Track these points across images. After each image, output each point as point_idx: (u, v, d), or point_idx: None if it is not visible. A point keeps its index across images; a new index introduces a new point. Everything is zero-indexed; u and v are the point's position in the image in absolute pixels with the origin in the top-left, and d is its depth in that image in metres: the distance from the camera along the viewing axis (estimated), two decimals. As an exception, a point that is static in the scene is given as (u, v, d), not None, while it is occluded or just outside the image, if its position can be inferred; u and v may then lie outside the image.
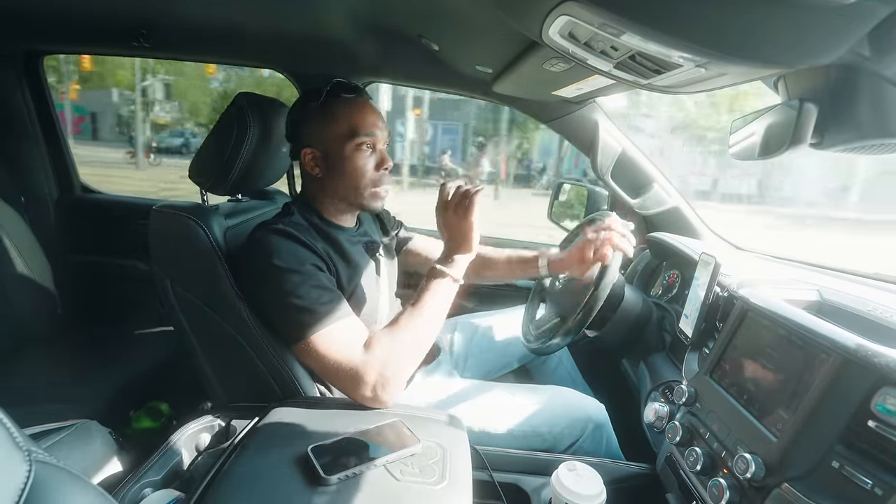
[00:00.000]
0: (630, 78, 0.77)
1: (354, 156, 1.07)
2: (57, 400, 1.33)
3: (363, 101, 1.09)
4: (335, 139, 1.07)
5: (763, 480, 0.67)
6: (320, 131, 1.07)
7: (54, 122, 2.04)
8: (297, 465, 0.77)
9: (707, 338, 1.02)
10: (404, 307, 1.01)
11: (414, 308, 0.99)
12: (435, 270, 1.01)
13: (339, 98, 1.07)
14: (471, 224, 0.99)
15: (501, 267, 1.40)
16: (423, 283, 1.01)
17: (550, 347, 1.17)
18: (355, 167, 1.08)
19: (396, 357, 0.94)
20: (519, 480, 1.00)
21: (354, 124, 1.06)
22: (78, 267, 2.04)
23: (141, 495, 0.80)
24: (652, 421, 0.98)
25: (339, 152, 1.07)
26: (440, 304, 1.00)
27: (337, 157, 1.07)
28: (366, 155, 1.08)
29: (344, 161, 1.07)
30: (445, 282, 1.00)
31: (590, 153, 1.60)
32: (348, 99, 1.08)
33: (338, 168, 1.08)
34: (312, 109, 1.07)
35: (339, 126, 1.06)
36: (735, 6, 0.46)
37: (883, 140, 0.58)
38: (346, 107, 1.07)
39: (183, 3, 1.38)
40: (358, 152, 1.07)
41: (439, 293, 1.00)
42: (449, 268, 1.00)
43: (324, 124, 1.07)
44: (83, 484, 0.43)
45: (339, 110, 1.07)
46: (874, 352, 0.62)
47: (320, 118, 1.07)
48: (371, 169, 1.09)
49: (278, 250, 0.97)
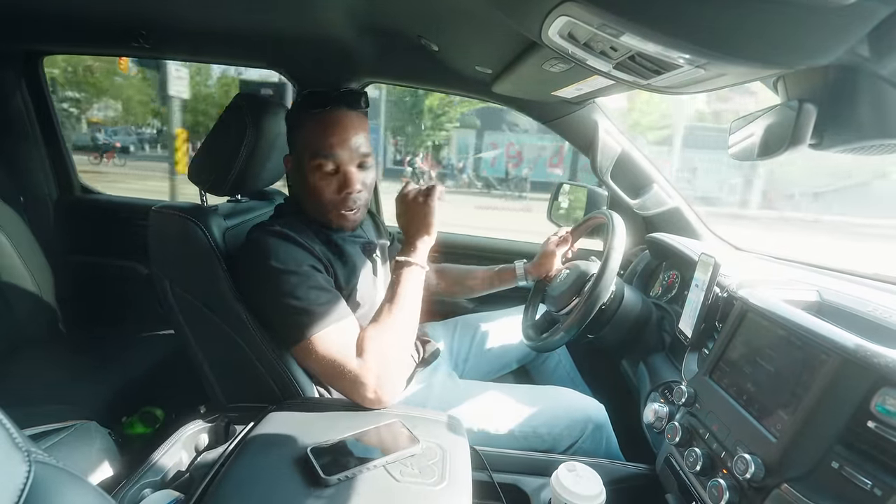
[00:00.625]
0: (629, 78, 0.77)
1: (314, 175, 1.04)
2: (56, 401, 1.33)
3: (332, 118, 1.03)
4: (301, 152, 1.06)
5: (762, 481, 0.67)
6: (297, 140, 1.07)
7: (54, 122, 2.03)
8: (296, 466, 0.77)
9: (706, 338, 1.02)
10: (381, 305, 1.02)
11: (392, 303, 0.99)
12: (400, 262, 1.02)
13: (306, 112, 1.04)
14: (431, 208, 1.02)
15: (480, 276, 1.49)
16: (392, 277, 1.03)
17: (551, 344, 1.17)
18: (314, 186, 1.05)
19: (388, 354, 0.95)
20: (518, 481, 0.99)
21: (314, 143, 1.02)
22: (77, 268, 2.03)
23: (140, 496, 0.80)
24: (651, 421, 0.98)
25: (305, 166, 1.05)
26: (414, 293, 1.01)
27: (304, 170, 1.05)
28: (326, 175, 1.04)
29: (308, 176, 1.05)
30: (413, 270, 1.02)
31: (589, 153, 1.60)
32: (314, 114, 1.03)
33: (304, 182, 1.06)
34: (291, 116, 1.07)
35: (304, 140, 1.05)
36: (734, 7, 0.46)
37: (882, 141, 0.59)
38: (312, 121, 1.03)
39: (182, 4, 1.38)
40: (317, 172, 1.04)
41: (410, 282, 1.01)
42: (413, 256, 1.02)
43: (297, 134, 1.07)
44: (82, 484, 0.43)
45: (306, 124, 1.04)
46: (873, 352, 0.62)
47: (296, 127, 1.07)
48: (332, 191, 1.05)
49: (275, 251, 0.97)
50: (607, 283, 1.08)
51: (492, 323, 1.59)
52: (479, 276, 1.49)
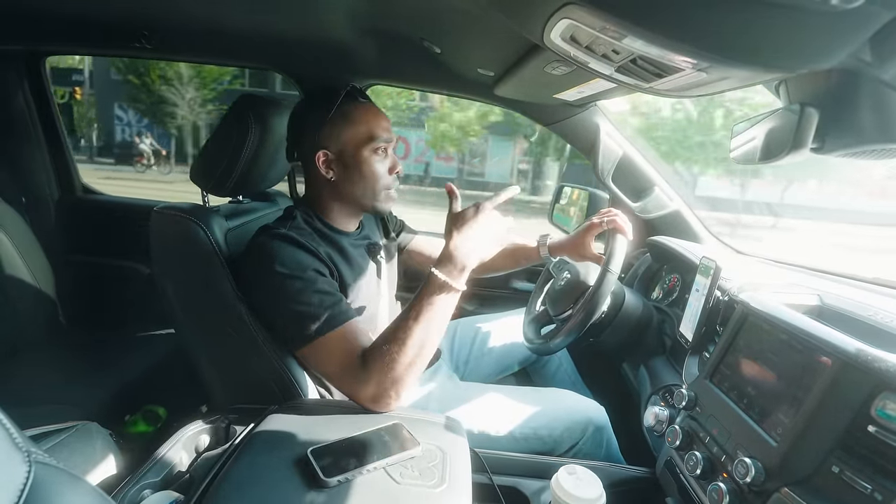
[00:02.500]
0: (631, 81, 0.77)
1: (371, 159, 1.08)
2: (56, 401, 1.33)
3: (377, 107, 1.12)
4: (353, 143, 1.07)
5: (763, 485, 0.67)
6: (337, 134, 1.07)
7: (56, 122, 2.04)
8: (296, 468, 0.77)
9: (707, 342, 1.02)
10: (404, 312, 0.96)
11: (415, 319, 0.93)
12: (436, 278, 0.93)
13: (358, 102, 1.09)
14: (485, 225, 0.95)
15: (502, 257, 1.43)
16: (422, 289, 0.95)
17: (550, 348, 1.17)
18: (372, 171, 1.09)
19: (396, 365, 0.91)
20: (518, 483, 0.99)
21: (373, 129, 1.08)
22: (78, 268, 2.04)
23: (140, 497, 0.80)
24: (652, 424, 0.98)
25: (356, 155, 1.07)
26: (441, 313, 0.94)
27: (353, 160, 1.08)
28: (381, 159, 1.10)
29: (361, 164, 1.08)
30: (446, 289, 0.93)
31: (591, 156, 1.60)
32: (365, 104, 1.10)
33: (354, 171, 1.08)
34: (327, 112, 1.06)
35: (358, 130, 1.07)
36: (736, 11, 0.46)
37: (884, 145, 0.58)
38: (365, 112, 1.09)
39: (185, 5, 1.39)
40: (374, 156, 1.09)
41: (440, 301, 0.93)
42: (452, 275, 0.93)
43: (341, 128, 1.07)
44: (82, 485, 0.43)
45: (357, 115, 1.08)
46: (874, 357, 0.62)
47: (338, 121, 1.07)
48: (385, 173, 1.11)
49: (281, 256, 0.97)
50: (604, 293, 1.07)
51: (493, 325, 1.59)
52: (501, 259, 1.45)
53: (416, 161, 17.04)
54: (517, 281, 1.91)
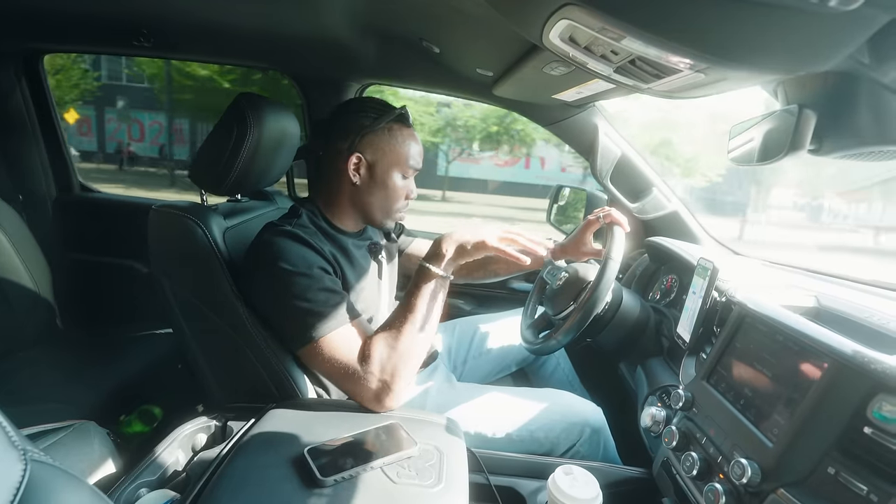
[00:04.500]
0: (630, 82, 0.77)
1: (397, 180, 1.11)
2: (53, 400, 1.33)
3: (418, 137, 1.15)
4: (389, 159, 1.09)
5: (759, 486, 0.67)
6: (378, 146, 1.08)
7: (53, 121, 2.03)
8: (293, 467, 0.77)
9: (704, 343, 1.03)
10: (397, 309, 1.00)
11: (405, 310, 0.98)
12: (421, 268, 1.00)
13: (407, 125, 1.13)
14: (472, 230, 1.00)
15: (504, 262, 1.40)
16: (411, 283, 1.00)
17: (547, 348, 1.17)
18: (395, 191, 1.12)
19: (394, 359, 0.94)
20: (515, 484, 0.99)
21: (411, 155, 1.11)
22: (75, 266, 2.03)
23: (136, 495, 0.80)
24: (649, 425, 0.98)
25: (387, 172, 1.10)
26: (426, 302, 0.99)
27: (383, 175, 1.10)
28: (404, 183, 1.13)
29: (387, 181, 1.10)
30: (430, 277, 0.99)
31: (589, 157, 1.60)
32: (412, 129, 1.14)
33: (378, 185, 1.10)
34: (377, 121, 1.08)
35: (399, 151, 1.10)
36: (734, 12, 0.47)
37: (882, 147, 0.59)
38: (410, 136, 1.12)
39: (184, 3, 1.38)
40: (401, 180, 1.12)
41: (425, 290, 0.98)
42: (433, 262, 0.99)
43: (385, 141, 1.09)
44: (78, 483, 0.43)
45: (403, 136, 1.11)
46: (871, 358, 0.62)
47: (385, 135, 1.09)
48: (403, 196, 1.14)
49: (286, 253, 0.97)
50: (602, 292, 1.07)
51: (490, 325, 1.59)
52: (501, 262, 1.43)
53: (151, 144, 16.96)
54: (515, 281, 1.91)
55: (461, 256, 0.99)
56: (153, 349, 1.72)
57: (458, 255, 0.99)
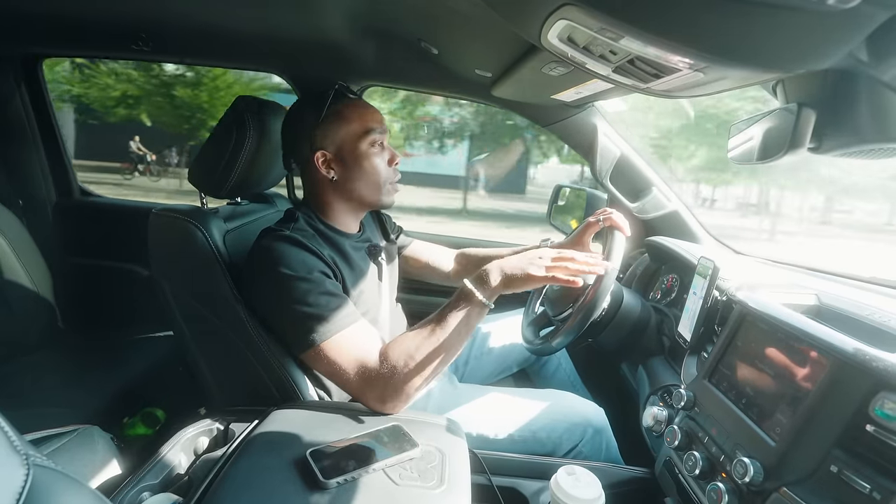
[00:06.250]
0: (629, 82, 0.77)
1: (370, 153, 1.10)
2: (55, 404, 1.33)
3: (366, 102, 1.13)
4: (349, 139, 1.08)
5: (761, 484, 0.67)
6: (332, 133, 1.08)
7: (53, 125, 2.03)
8: (295, 469, 0.77)
9: (706, 342, 1.03)
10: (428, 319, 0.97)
11: (436, 325, 0.95)
12: (465, 290, 0.96)
13: (348, 99, 1.11)
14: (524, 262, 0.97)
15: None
16: (452, 298, 0.97)
17: (548, 348, 1.17)
18: (373, 164, 1.10)
19: (412, 369, 0.92)
20: (517, 484, 0.99)
21: (366, 123, 1.09)
22: (76, 270, 2.03)
23: (139, 499, 0.80)
24: (651, 425, 0.98)
25: (354, 151, 1.09)
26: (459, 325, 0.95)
27: (352, 156, 1.09)
28: (378, 152, 1.11)
29: (360, 159, 1.09)
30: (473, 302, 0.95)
31: (589, 157, 1.60)
32: (355, 100, 1.12)
33: (354, 167, 1.09)
34: (319, 113, 1.07)
35: (352, 126, 1.08)
36: (733, 11, 0.46)
37: (881, 145, 0.59)
38: (356, 107, 1.10)
39: (183, 7, 1.39)
40: (372, 150, 1.10)
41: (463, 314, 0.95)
42: (479, 287, 0.96)
43: (335, 126, 1.08)
44: (80, 488, 0.43)
45: (349, 111, 1.09)
46: (872, 356, 0.62)
47: (332, 120, 1.07)
48: (385, 165, 1.12)
49: (286, 257, 0.97)
50: (602, 294, 1.07)
51: (492, 326, 1.59)
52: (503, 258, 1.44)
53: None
54: None
55: (508, 287, 0.96)
56: (154, 352, 1.72)
57: (504, 285, 0.96)
